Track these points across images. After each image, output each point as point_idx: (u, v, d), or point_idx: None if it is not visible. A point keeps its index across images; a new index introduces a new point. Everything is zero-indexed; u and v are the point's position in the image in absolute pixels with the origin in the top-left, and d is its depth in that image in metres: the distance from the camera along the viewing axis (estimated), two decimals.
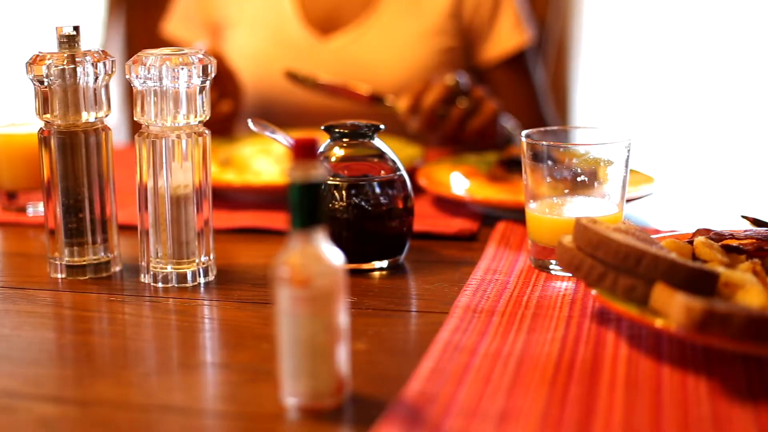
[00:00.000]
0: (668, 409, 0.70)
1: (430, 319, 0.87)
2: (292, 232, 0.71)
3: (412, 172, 1.29)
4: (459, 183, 1.26)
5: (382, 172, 1.00)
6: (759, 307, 0.75)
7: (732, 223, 1.09)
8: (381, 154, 1.01)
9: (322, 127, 1.00)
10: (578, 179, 0.96)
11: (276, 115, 1.64)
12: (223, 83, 1.51)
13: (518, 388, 0.73)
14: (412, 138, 1.55)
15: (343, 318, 0.72)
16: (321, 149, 1.01)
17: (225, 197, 1.27)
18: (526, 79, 1.73)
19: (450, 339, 0.82)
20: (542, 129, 1.00)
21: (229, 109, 1.51)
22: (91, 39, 2.21)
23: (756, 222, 1.08)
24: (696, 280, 0.79)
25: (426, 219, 1.16)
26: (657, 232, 1.09)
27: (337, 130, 1.00)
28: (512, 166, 1.27)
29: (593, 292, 0.83)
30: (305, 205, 0.70)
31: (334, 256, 0.71)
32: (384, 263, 1.00)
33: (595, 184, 0.97)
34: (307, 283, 0.70)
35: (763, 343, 0.73)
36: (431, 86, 1.43)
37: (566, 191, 0.96)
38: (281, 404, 0.72)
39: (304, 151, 0.70)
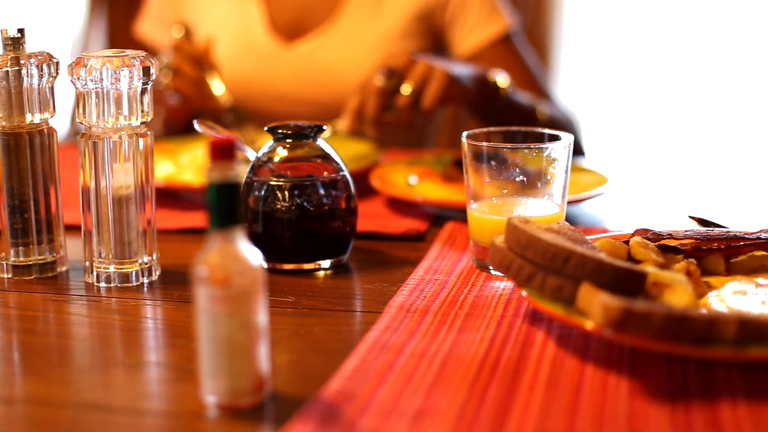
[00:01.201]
0: (585, 408, 0.70)
1: (364, 319, 0.88)
2: (210, 232, 0.71)
3: (367, 173, 1.30)
4: (412, 184, 1.27)
5: (325, 172, 1.00)
6: (680, 307, 0.76)
7: (683, 223, 1.09)
8: (324, 155, 1.01)
9: (266, 128, 1.01)
10: (517, 179, 0.96)
11: (222, 113, 1.64)
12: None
13: (439, 387, 0.73)
14: (374, 139, 1.54)
15: (262, 317, 0.72)
16: (265, 150, 1.01)
17: (183, 198, 1.27)
18: (516, 60, 1.67)
19: (378, 338, 0.82)
20: (485, 129, 1.00)
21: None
22: (72, 39, 2.22)
23: (702, 222, 1.09)
24: (623, 279, 0.79)
25: (377, 219, 1.16)
26: (605, 231, 1.09)
27: (280, 131, 1.00)
28: None
29: (523, 292, 0.83)
30: (223, 205, 0.70)
31: (252, 255, 0.71)
32: (327, 263, 1.01)
33: (538, 184, 0.98)
34: (225, 282, 0.70)
35: (681, 341, 0.73)
36: (366, 96, 1.38)
37: (505, 191, 0.97)
38: (202, 402, 0.72)
39: (222, 152, 0.70)
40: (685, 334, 0.73)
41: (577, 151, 1.68)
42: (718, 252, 0.93)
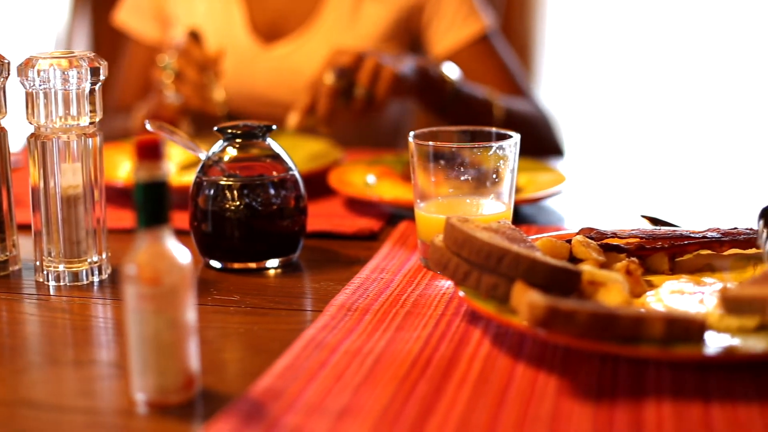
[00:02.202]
0: (510, 406, 0.70)
1: (305, 318, 0.88)
2: (138, 231, 0.72)
3: (327, 173, 1.31)
4: (370, 183, 1.27)
5: (275, 172, 1.01)
6: (606, 305, 0.76)
7: (641, 222, 1.09)
8: (274, 155, 1.02)
9: (215, 128, 1.01)
10: (462, 179, 0.97)
11: (217, 119, 1.65)
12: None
13: (367, 385, 0.74)
14: (327, 136, 1.54)
15: (190, 315, 0.72)
16: (216, 149, 1.02)
17: None
18: (493, 59, 1.68)
19: (314, 336, 0.82)
20: (434, 129, 1.01)
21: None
22: (56, 35, 2.23)
23: (653, 221, 1.09)
24: (557, 278, 0.80)
25: (333, 219, 1.17)
26: (559, 230, 1.09)
27: (229, 130, 1.01)
28: None
29: (460, 291, 0.84)
30: (150, 204, 0.71)
31: (181, 254, 0.72)
32: (276, 262, 1.01)
33: (486, 183, 0.98)
34: (154, 280, 0.71)
35: (607, 340, 0.73)
36: (317, 93, 1.39)
37: (451, 191, 0.97)
38: (133, 400, 0.73)
39: (148, 152, 0.70)
40: (611, 333, 0.73)
41: (554, 150, 1.69)
42: (662, 251, 0.94)
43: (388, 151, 1.51)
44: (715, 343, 0.75)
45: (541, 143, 1.66)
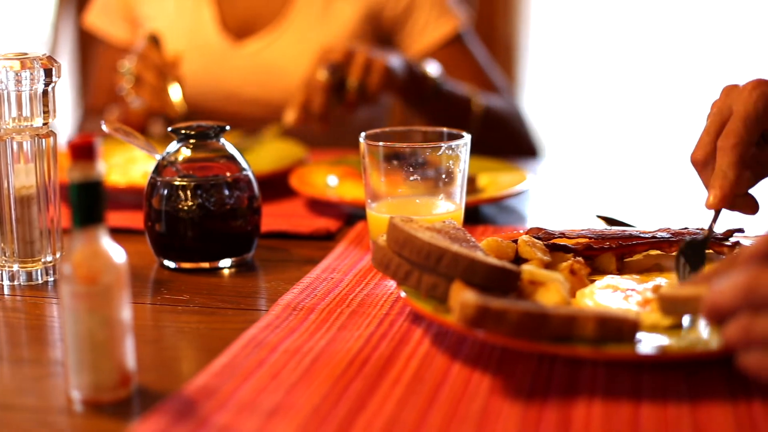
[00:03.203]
0: (441, 404, 0.71)
1: (251, 317, 0.89)
2: (73, 230, 0.72)
3: (287, 173, 1.31)
4: (331, 184, 1.28)
5: (228, 172, 1.01)
6: (539, 305, 0.76)
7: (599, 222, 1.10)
8: (227, 155, 1.02)
9: (169, 129, 1.02)
10: (411, 179, 0.97)
11: (191, 117, 1.66)
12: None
13: (302, 383, 0.74)
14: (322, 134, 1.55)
15: (125, 313, 0.73)
16: (170, 150, 1.03)
17: (109, 198, 1.28)
18: (467, 57, 1.69)
19: (255, 336, 0.83)
20: (385, 129, 1.01)
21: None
22: (41, 33, 2.24)
23: (609, 221, 1.09)
24: (495, 277, 0.80)
25: (292, 219, 1.17)
26: (516, 230, 1.10)
27: (183, 131, 1.01)
28: None
29: (401, 291, 0.84)
30: (84, 204, 0.71)
31: (116, 253, 0.73)
32: (229, 262, 1.02)
33: (439, 183, 0.99)
34: (89, 279, 0.71)
35: (539, 339, 0.74)
36: (311, 91, 1.40)
37: (400, 190, 0.98)
38: (70, 397, 0.74)
39: (82, 153, 0.71)
40: (543, 332, 0.73)
41: (528, 147, 1.70)
42: (609, 251, 0.94)
43: (355, 152, 1.52)
44: (647, 342, 0.75)
45: (517, 141, 1.67)
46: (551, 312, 0.74)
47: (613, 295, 0.85)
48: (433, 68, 1.49)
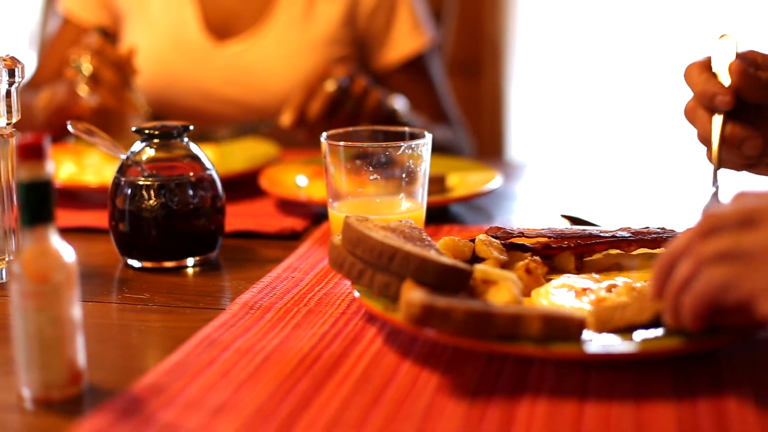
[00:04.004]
0: (386, 402, 0.71)
1: (209, 316, 0.89)
2: (22, 229, 0.73)
3: (257, 173, 1.32)
4: (300, 184, 1.28)
5: (192, 172, 1.02)
6: (484, 303, 0.76)
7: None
8: (191, 155, 1.03)
9: (133, 129, 1.03)
10: (371, 178, 0.98)
11: (171, 115, 1.66)
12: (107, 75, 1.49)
13: (250, 382, 0.75)
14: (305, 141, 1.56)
15: (75, 312, 0.74)
16: (135, 150, 1.03)
17: (83, 198, 1.29)
18: (427, 80, 1.74)
19: (210, 334, 0.83)
20: (348, 129, 1.02)
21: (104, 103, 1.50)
22: (29, 32, 2.24)
23: (573, 220, 1.10)
24: (446, 276, 0.80)
25: (260, 218, 1.18)
26: (481, 229, 1.10)
27: (147, 131, 1.02)
28: None
29: (355, 291, 0.85)
30: (33, 203, 0.72)
31: (65, 251, 0.73)
32: (193, 261, 1.03)
33: (402, 183, 0.99)
34: (39, 278, 0.72)
35: (484, 338, 0.74)
36: (314, 95, 1.43)
37: (360, 190, 0.98)
38: (21, 395, 0.74)
39: (30, 152, 0.72)
40: (488, 331, 0.74)
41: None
42: (568, 250, 0.94)
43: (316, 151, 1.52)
44: (593, 341, 0.76)
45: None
46: (497, 311, 0.74)
47: (567, 294, 0.85)
48: (400, 103, 1.53)
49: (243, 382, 0.75)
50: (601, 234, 0.96)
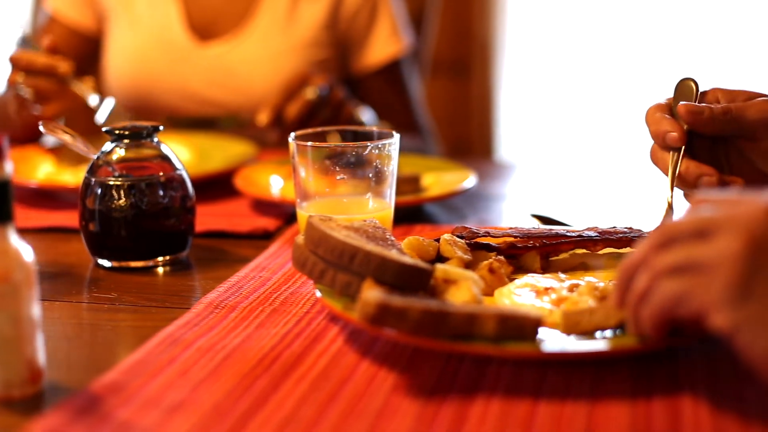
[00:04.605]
0: (342, 401, 0.72)
1: (175, 315, 0.89)
2: None
3: (232, 173, 1.33)
4: (274, 184, 1.29)
5: (162, 172, 1.03)
6: (439, 303, 0.77)
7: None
8: (161, 155, 1.04)
9: (103, 129, 1.03)
10: (338, 178, 0.98)
11: (153, 115, 1.67)
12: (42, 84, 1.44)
13: (209, 380, 0.75)
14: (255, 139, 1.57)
15: (35, 311, 0.74)
16: (106, 150, 1.04)
17: (61, 198, 1.30)
18: (401, 87, 1.76)
19: (172, 333, 0.84)
20: (318, 129, 1.03)
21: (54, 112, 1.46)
22: (20, 21, 2.24)
23: (544, 220, 1.10)
24: (407, 276, 0.81)
25: (233, 218, 1.19)
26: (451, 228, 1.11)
27: (117, 131, 1.02)
28: None
29: (317, 291, 0.85)
30: None
31: (24, 251, 0.74)
32: (161, 261, 1.03)
33: (371, 183, 1.00)
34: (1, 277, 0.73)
35: (439, 337, 0.74)
36: (293, 100, 1.43)
37: (327, 190, 0.99)
38: None
39: None
40: (443, 330, 0.74)
41: None
42: (533, 250, 0.95)
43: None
44: (549, 340, 0.76)
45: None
46: (452, 310, 0.75)
47: (529, 293, 0.86)
48: (367, 116, 1.54)
49: (201, 380, 0.75)
50: (568, 234, 0.96)
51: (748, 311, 0.64)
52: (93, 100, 1.42)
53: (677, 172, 0.93)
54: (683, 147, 0.92)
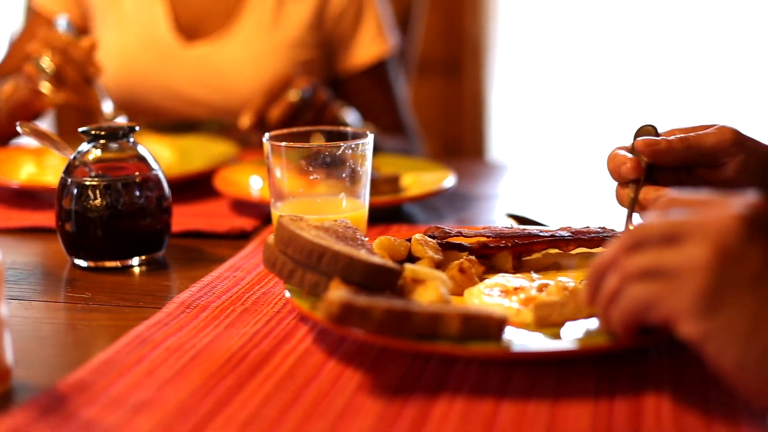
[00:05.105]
0: (305, 400, 0.72)
1: (146, 315, 0.90)
2: None
3: (213, 173, 1.33)
4: (254, 184, 1.29)
5: (137, 172, 1.03)
6: (403, 302, 0.77)
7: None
8: (137, 155, 1.04)
9: (80, 130, 1.04)
10: (311, 178, 0.99)
11: (138, 113, 1.68)
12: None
13: (176, 380, 0.76)
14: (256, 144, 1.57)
15: (2, 310, 0.75)
16: (82, 150, 1.04)
17: (43, 198, 1.31)
18: (387, 87, 1.77)
19: (142, 333, 0.84)
20: (293, 129, 1.03)
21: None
22: (10, 32, 2.25)
23: (520, 220, 1.11)
24: (374, 275, 0.81)
25: (212, 218, 1.19)
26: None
27: (93, 131, 1.03)
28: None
29: (286, 290, 0.86)
30: None
31: None
32: (137, 261, 1.04)
33: (346, 183, 1.00)
34: None
35: (403, 336, 0.75)
36: (276, 102, 1.43)
37: (300, 190, 0.99)
38: None
39: None
40: (407, 330, 0.75)
41: None
42: (505, 250, 0.95)
43: None
44: (513, 340, 0.76)
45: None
46: (416, 310, 0.75)
47: (499, 293, 0.86)
48: (351, 117, 1.54)
49: (168, 380, 0.76)
50: (540, 233, 0.97)
51: (717, 323, 0.64)
52: (107, 107, 1.43)
53: (635, 204, 0.92)
54: (642, 180, 0.92)
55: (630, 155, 0.93)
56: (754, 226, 0.65)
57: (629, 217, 0.93)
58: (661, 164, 0.92)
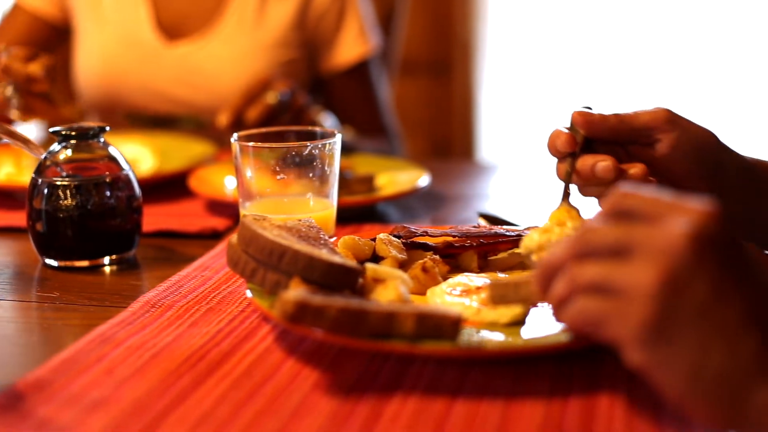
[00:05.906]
0: (259, 399, 0.72)
1: (111, 314, 0.90)
2: None
3: (188, 173, 1.34)
4: (228, 184, 1.30)
5: (108, 172, 1.04)
6: (357, 301, 0.77)
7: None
8: (108, 155, 1.05)
9: (50, 131, 1.04)
10: (279, 178, 0.99)
11: (119, 114, 1.68)
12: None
13: (134, 378, 0.76)
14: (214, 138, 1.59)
15: None
16: (53, 150, 1.05)
17: (19, 198, 1.31)
18: (368, 87, 1.77)
19: (105, 332, 0.85)
20: (263, 130, 1.03)
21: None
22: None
23: (490, 219, 1.11)
24: (334, 275, 0.82)
25: (185, 218, 1.20)
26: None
27: (63, 132, 1.03)
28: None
29: (247, 290, 0.86)
30: None
31: None
32: (107, 260, 1.04)
33: (315, 183, 1.00)
34: None
35: (357, 336, 0.75)
36: (253, 103, 1.43)
37: (268, 190, 1.00)
38: None
39: None
40: (362, 329, 0.75)
41: None
42: (470, 249, 0.96)
43: None
44: (468, 339, 0.77)
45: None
46: (370, 309, 0.75)
47: (460, 292, 0.86)
48: (329, 122, 1.54)
49: (126, 378, 0.76)
50: (506, 233, 0.97)
51: (663, 354, 0.63)
52: (75, 110, 1.40)
53: (571, 176, 0.92)
54: (578, 153, 0.92)
55: (563, 130, 0.93)
56: (704, 247, 0.63)
57: (566, 190, 0.93)
58: (595, 137, 0.92)
